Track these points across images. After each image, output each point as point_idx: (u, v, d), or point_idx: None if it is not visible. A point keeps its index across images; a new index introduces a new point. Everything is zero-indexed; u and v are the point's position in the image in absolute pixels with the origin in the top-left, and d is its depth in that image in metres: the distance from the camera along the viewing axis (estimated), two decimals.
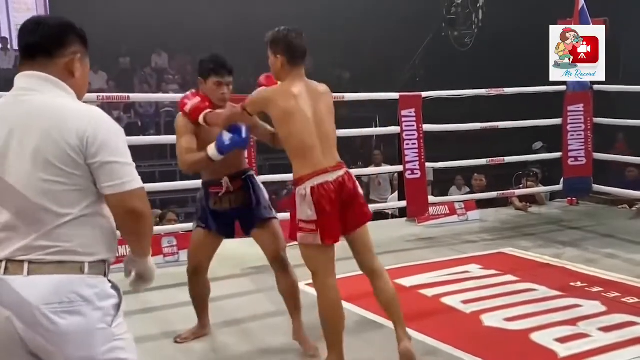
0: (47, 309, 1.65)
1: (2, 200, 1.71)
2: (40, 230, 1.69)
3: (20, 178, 1.70)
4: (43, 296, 1.65)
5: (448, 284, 4.47)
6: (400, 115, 5.98)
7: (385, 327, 3.64)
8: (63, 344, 1.67)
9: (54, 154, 1.69)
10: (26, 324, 1.65)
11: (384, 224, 6.69)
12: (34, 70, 1.78)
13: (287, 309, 3.47)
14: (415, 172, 6.04)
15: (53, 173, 1.70)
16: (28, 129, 1.70)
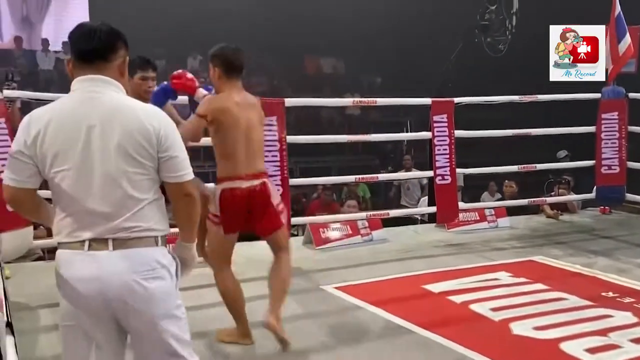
0: (138, 277, 1.97)
1: (91, 189, 1.96)
2: (125, 214, 1.98)
3: (107, 169, 1.96)
4: (133, 266, 1.97)
5: (477, 290, 4.45)
6: (432, 121, 5.97)
7: (414, 332, 3.65)
8: (151, 304, 1.99)
9: (134, 148, 1.98)
10: (118, 291, 1.95)
11: (413, 229, 6.69)
12: (92, 74, 2.01)
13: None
14: (446, 178, 6.03)
15: (133, 165, 1.99)
16: (109, 126, 1.96)
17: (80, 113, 1.98)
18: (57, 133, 1.96)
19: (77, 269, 1.96)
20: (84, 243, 1.96)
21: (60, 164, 1.96)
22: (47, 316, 3.83)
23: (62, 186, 1.97)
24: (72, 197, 1.97)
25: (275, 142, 5.09)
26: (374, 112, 13.70)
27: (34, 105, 10.34)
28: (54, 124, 1.96)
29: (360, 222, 5.98)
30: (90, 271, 1.95)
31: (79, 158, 1.96)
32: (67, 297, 1.99)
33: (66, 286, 1.98)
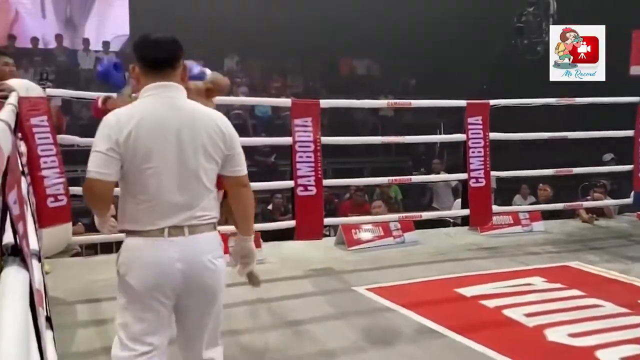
0: (210, 256, 2.27)
1: (177, 183, 2.22)
2: (200, 204, 2.26)
3: (194, 166, 2.25)
4: (205, 248, 2.27)
5: (510, 295, 4.41)
6: (467, 123, 5.92)
7: (445, 336, 3.63)
8: (218, 279, 2.31)
9: (212, 147, 2.27)
10: (197, 269, 2.24)
11: (445, 232, 6.66)
12: (160, 80, 2.27)
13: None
14: (480, 181, 5.97)
15: (210, 161, 2.28)
16: (194, 128, 2.25)
17: (170, 116, 2.24)
18: (149, 133, 2.19)
19: (159, 253, 2.21)
20: (164, 230, 2.21)
21: (150, 161, 2.20)
22: (84, 311, 3.92)
23: (150, 180, 2.21)
24: (158, 190, 2.22)
25: (310, 143, 5.10)
26: (407, 114, 13.63)
27: (74, 104, 10.53)
28: (145, 126, 2.20)
29: (393, 223, 5.97)
30: (171, 254, 2.21)
31: (170, 157, 2.22)
32: (143, 277, 2.21)
33: (145, 268, 2.21)
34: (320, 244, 5.51)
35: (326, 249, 5.62)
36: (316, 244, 5.47)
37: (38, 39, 13.15)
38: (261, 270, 4.84)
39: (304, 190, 5.14)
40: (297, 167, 5.10)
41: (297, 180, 5.11)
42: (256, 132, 12.23)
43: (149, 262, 2.21)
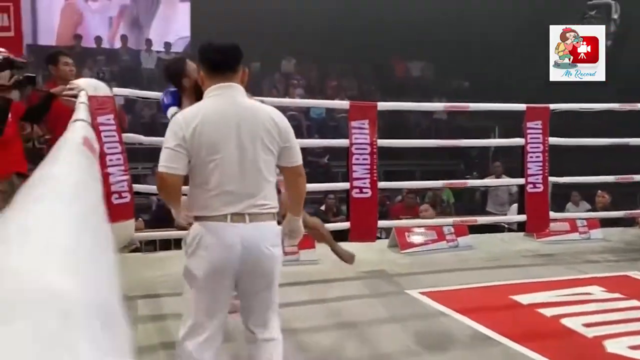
0: (268, 244, 2.48)
1: (238, 173, 2.46)
2: (260, 193, 2.49)
3: (253, 158, 2.47)
4: (263, 236, 2.48)
5: (568, 304, 4.32)
6: (526, 127, 5.82)
7: (501, 344, 3.59)
8: (274, 264, 2.53)
9: (269, 140, 2.50)
10: (254, 254, 2.46)
11: (500, 237, 6.56)
12: (224, 82, 2.52)
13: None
14: (538, 186, 5.86)
15: (268, 153, 2.50)
16: (253, 122, 2.49)
17: (230, 113, 2.48)
18: (211, 128, 2.44)
19: (222, 236, 2.44)
20: (227, 216, 2.44)
21: (214, 153, 2.44)
22: (144, 307, 4.02)
23: (214, 171, 2.45)
24: (221, 180, 2.45)
25: (366, 145, 5.11)
26: (460, 117, 13.48)
27: (137, 103, 10.80)
28: (208, 121, 2.44)
29: (447, 227, 5.92)
30: (233, 238, 2.44)
31: (232, 149, 2.45)
32: (208, 257, 2.44)
33: (210, 249, 2.44)
34: (373, 246, 5.50)
35: (379, 251, 5.62)
36: (369, 246, 5.47)
37: (102, 39, 13.52)
38: (315, 272, 4.92)
39: (359, 192, 5.15)
40: (353, 169, 5.12)
41: (353, 183, 5.13)
42: (310, 134, 12.33)
43: (213, 245, 2.44)
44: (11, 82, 3.92)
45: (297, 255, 5.08)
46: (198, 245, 2.46)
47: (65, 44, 13.01)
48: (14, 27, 4.41)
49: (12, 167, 3.99)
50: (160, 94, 4.00)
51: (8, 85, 3.91)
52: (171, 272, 4.16)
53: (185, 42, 14.77)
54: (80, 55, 11.30)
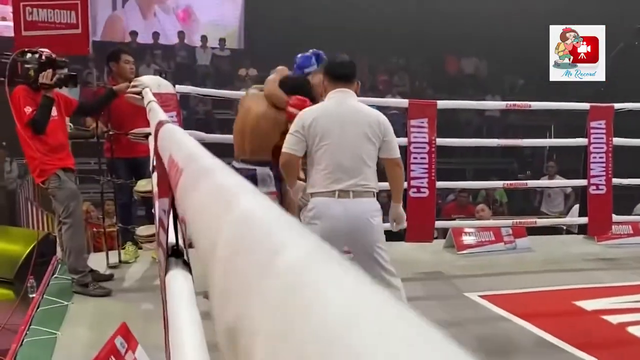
0: (368, 216, 3.07)
1: (343, 158, 3.03)
2: (361, 175, 3.06)
3: (355, 146, 3.07)
4: (365, 209, 3.07)
5: (634, 312, 4.16)
6: (589, 127, 5.65)
7: (566, 352, 3.49)
8: (375, 233, 3.11)
9: (372, 134, 3.11)
10: (357, 224, 3.04)
11: (559, 240, 6.40)
12: (342, 88, 3.15)
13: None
14: (601, 188, 5.69)
15: (369, 144, 3.10)
16: (357, 118, 3.12)
17: (340, 111, 3.13)
18: (324, 121, 3.07)
19: (332, 210, 3.03)
20: (335, 193, 3.02)
21: (324, 140, 3.05)
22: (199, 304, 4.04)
23: (324, 155, 3.05)
24: (329, 162, 3.04)
25: (425, 144, 5.05)
26: (513, 115, 13.22)
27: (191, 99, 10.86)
28: (323, 115, 3.09)
29: (504, 229, 5.80)
30: (340, 211, 3.02)
31: (337, 138, 3.05)
32: (319, 226, 2.97)
33: (323, 220, 3.02)
34: (428, 246, 5.43)
35: (435, 252, 5.54)
36: (424, 247, 5.40)
37: (159, 34, 13.72)
38: None
39: (417, 192, 5.09)
40: (410, 168, 5.05)
41: (410, 182, 5.06)
42: None
43: (325, 215, 3.03)
44: (54, 80, 4.00)
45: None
46: (312, 216, 3.06)
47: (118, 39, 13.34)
48: (82, 24, 4.50)
49: (56, 163, 4.06)
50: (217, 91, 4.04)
51: (50, 83, 3.99)
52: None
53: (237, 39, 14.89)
54: (137, 51, 11.51)
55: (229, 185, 0.62)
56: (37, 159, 4.04)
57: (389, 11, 14.11)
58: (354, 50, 14.39)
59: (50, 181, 4.04)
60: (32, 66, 3.97)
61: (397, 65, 14.74)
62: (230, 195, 0.57)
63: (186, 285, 1.29)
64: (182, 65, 13.06)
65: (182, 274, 1.33)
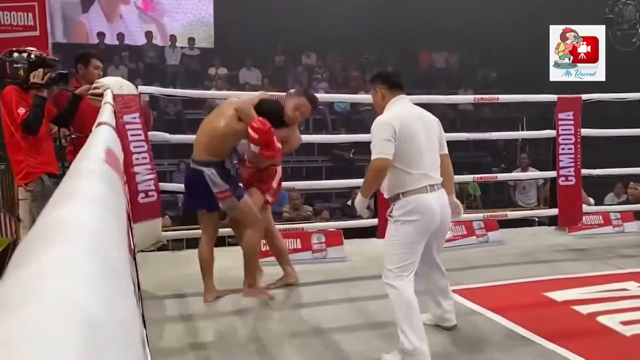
0: (448, 205, 3.41)
1: (425, 157, 3.31)
2: (439, 170, 3.39)
3: (432, 146, 3.39)
4: (447, 201, 3.41)
5: (604, 301, 4.19)
6: (557, 118, 5.68)
7: (537, 344, 3.49)
8: (449, 220, 3.48)
9: (437, 135, 3.45)
10: (446, 212, 3.37)
11: (531, 232, 6.44)
12: (400, 94, 3.45)
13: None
14: (570, 179, 5.73)
15: (437, 143, 3.43)
16: (429, 124, 3.43)
17: (415, 116, 3.40)
18: (407, 126, 3.28)
19: (430, 204, 3.27)
20: (427, 188, 3.27)
21: (409, 143, 3.27)
22: (173, 306, 3.98)
23: (411, 156, 3.27)
24: (416, 162, 3.28)
25: None
26: (486, 108, 13.28)
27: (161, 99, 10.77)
28: (405, 122, 3.29)
29: (476, 222, 5.81)
30: (435, 205, 3.29)
31: (419, 140, 3.30)
32: (422, 221, 3.25)
33: (423, 215, 3.25)
34: None
35: None
36: None
37: (124, 35, 13.55)
38: (344, 269, 4.86)
39: None
40: None
41: None
42: (335, 127, 12.25)
43: (425, 211, 3.27)
44: (45, 80, 3.92)
45: (325, 253, 5.03)
46: (410, 211, 3.28)
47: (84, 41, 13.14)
48: (39, 26, 4.40)
49: (42, 167, 4.00)
50: (183, 91, 4.00)
51: (42, 83, 3.92)
52: (198, 270, 4.11)
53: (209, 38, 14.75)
54: (105, 52, 11.34)
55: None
56: (24, 162, 3.97)
57: (361, 7, 14.09)
58: (326, 47, 14.39)
59: (34, 184, 3.97)
60: (21, 66, 3.89)
61: (370, 61, 14.74)
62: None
63: None
64: (151, 66, 12.90)
65: None
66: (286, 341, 3.50)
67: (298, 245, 5.04)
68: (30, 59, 3.92)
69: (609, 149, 9.06)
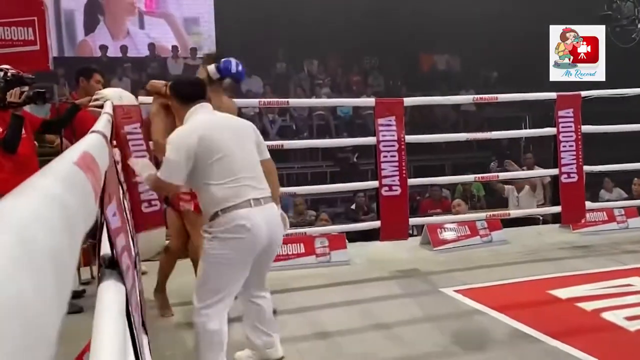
0: (279, 222, 3.06)
1: (253, 170, 3.01)
2: (262, 182, 3.01)
3: (252, 156, 3.06)
4: (277, 217, 3.07)
5: (608, 297, 4.19)
6: (557, 116, 5.69)
7: (541, 341, 3.49)
8: (280, 238, 3.08)
9: (255, 142, 3.13)
10: (275, 230, 3.00)
11: (535, 230, 6.43)
12: (203, 102, 3.12)
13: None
14: (572, 176, 5.72)
15: (257, 151, 3.10)
16: (241, 131, 3.13)
17: (219, 125, 3.13)
18: (209, 137, 2.98)
19: (252, 218, 2.91)
20: (250, 202, 2.92)
21: (215, 154, 2.95)
22: (178, 314, 4.01)
23: (222, 168, 2.95)
24: (229, 174, 2.94)
25: (394, 142, 5.04)
26: (489, 108, 13.27)
27: None
28: (206, 133, 3.00)
29: (479, 222, 5.82)
30: (259, 219, 2.93)
31: (229, 149, 2.99)
32: (244, 240, 2.90)
33: (243, 232, 2.88)
34: (405, 244, 5.43)
35: (412, 249, 5.55)
36: (401, 244, 5.40)
37: (127, 47, 13.62)
38: (348, 272, 4.88)
39: (389, 190, 5.08)
40: (381, 166, 5.05)
41: (382, 180, 5.06)
42: (338, 132, 12.29)
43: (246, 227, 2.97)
44: (22, 98, 3.94)
45: (329, 256, 5.05)
46: (230, 230, 3.00)
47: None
48: (40, 40, 4.44)
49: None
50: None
51: (19, 102, 3.93)
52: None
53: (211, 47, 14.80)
54: (107, 65, 11.41)
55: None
56: (10, 181, 3.97)
57: (362, 11, 14.10)
58: (327, 51, 14.42)
59: None
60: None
61: (371, 66, 14.77)
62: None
63: (117, 297, 1.27)
64: (154, 77, 12.90)
65: (115, 286, 1.31)
66: (290, 345, 3.51)
67: (302, 250, 5.06)
68: (6, 78, 3.90)
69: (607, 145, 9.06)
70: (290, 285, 4.55)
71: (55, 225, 0.50)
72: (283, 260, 4.98)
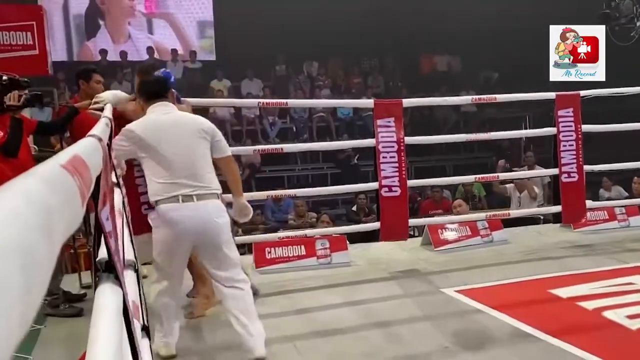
0: (214, 216, 3.22)
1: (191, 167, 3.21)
2: (201, 179, 3.21)
3: (194, 155, 3.25)
4: (213, 211, 3.22)
5: (610, 296, 4.19)
6: (557, 116, 5.69)
7: (542, 340, 3.49)
8: (220, 232, 3.24)
9: (207, 141, 3.34)
10: (205, 224, 3.18)
11: (535, 230, 6.43)
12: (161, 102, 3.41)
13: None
14: (572, 175, 5.72)
15: (204, 150, 3.31)
16: (187, 130, 3.35)
17: (166, 123, 3.37)
18: (152, 134, 3.27)
19: (176, 214, 3.20)
20: (179, 198, 3.19)
21: (153, 150, 3.26)
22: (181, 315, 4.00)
23: (158, 163, 3.24)
24: (163, 171, 3.23)
25: (394, 143, 5.04)
26: (489, 108, 13.28)
27: None
28: (150, 130, 3.30)
29: (480, 222, 5.81)
30: (186, 215, 3.21)
31: (169, 147, 3.25)
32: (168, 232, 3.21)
33: (169, 225, 3.21)
34: (406, 244, 5.44)
35: (412, 249, 5.55)
36: (402, 245, 5.41)
37: (127, 53, 13.63)
38: (349, 273, 4.88)
39: (389, 191, 5.08)
40: (381, 168, 5.05)
41: (382, 182, 5.07)
42: (339, 134, 12.29)
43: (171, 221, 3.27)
44: (21, 101, 3.95)
45: (329, 258, 5.05)
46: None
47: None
48: (38, 45, 4.45)
49: None
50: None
51: (18, 105, 3.94)
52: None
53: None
54: (107, 69, 11.42)
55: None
56: (1, 183, 3.96)
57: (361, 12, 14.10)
58: (327, 54, 14.42)
59: None
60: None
61: (371, 67, 14.77)
62: None
63: (114, 300, 1.27)
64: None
65: (112, 289, 1.31)
66: (292, 345, 3.52)
67: (303, 252, 5.06)
68: (2, 82, 3.93)
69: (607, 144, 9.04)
70: (292, 287, 4.55)
71: (30, 222, 0.50)
72: (284, 262, 4.99)
